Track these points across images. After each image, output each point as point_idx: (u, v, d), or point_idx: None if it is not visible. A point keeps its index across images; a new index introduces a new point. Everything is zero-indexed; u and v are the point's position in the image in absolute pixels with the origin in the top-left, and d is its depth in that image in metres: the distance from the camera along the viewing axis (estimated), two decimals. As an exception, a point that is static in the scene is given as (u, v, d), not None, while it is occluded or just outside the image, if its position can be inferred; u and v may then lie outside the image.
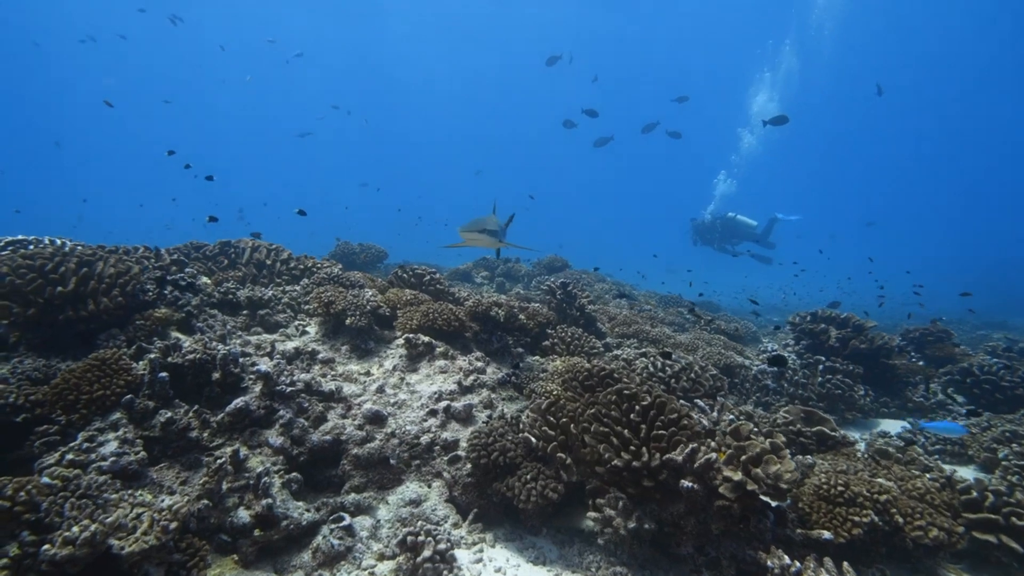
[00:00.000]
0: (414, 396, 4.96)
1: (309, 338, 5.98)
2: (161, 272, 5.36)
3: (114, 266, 4.53)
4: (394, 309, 6.39)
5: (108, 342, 4.28)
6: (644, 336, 8.31)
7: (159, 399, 3.88)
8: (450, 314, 6.01)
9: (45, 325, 4.20)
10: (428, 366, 5.55)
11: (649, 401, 3.77)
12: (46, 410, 3.53)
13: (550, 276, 13.72)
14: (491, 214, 6.31)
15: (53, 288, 4.10)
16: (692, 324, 10.56)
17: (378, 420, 4.57)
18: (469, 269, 14.85)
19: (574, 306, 7.91)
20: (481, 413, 4.90)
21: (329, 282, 6.60)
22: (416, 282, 7.65)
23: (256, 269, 7.17)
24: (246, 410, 4.16)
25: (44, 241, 5.50)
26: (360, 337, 5.88)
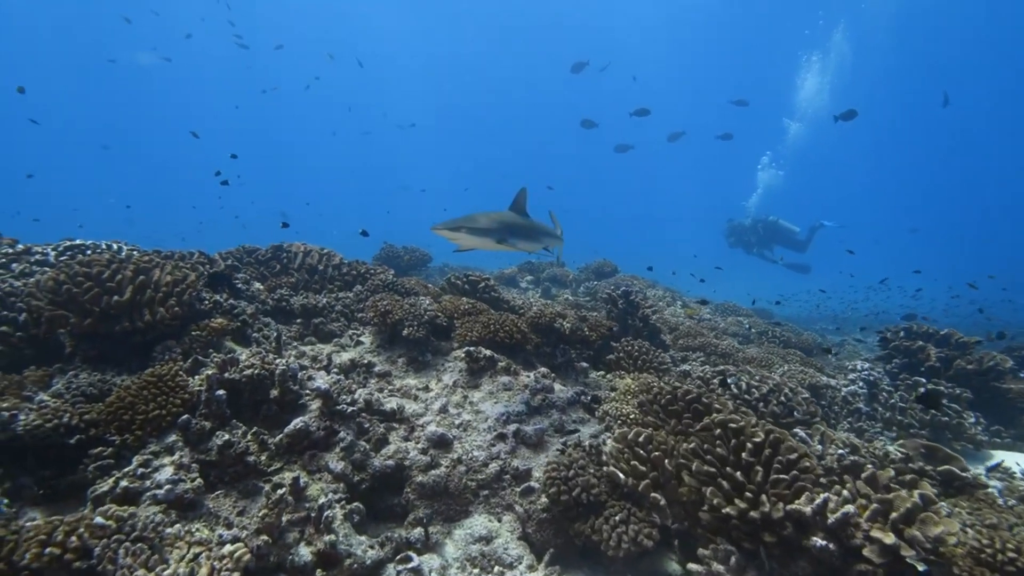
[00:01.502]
0: (479, 417, 4.56)
1: (364, 348, 5.68)
2: (226, 269, 5.18)
3: (171, 273, 4.31)
4: (451, 319, 6.02)
5: (163, 355, 4.05)
6: (711, 350, 7.70)
7: (216, 419, 3.60)
8: (512, 326, 5.60)
9: (101, 336, 4.00)
10: (490, 382, 5.15)
11: (762, 438, 3.24)
12: (100, 430, 3.29)
13: (599, 281, 13.18)
14: (544, 220, 5.50)
15: (110, 297, 3.89)
16: (758, 336, 9.84)
17: (443, 444, 4.19)
18: (514, 273, 14.44)
19: (636, 316, 7.38)
20: (553, 438, 4.46)
21: (384, 289, 6.30)
22: (470, 289, 7.28)
23: (308, 274, 6.95)
24: (305, 431, 3.84)
25: (101, 246, 5.39)
26: (417, 349, 5.54)
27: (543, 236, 5.42)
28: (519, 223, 5.00)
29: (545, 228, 5.55)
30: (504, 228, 4.67)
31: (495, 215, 4.77)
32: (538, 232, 5.32)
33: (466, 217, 4.58)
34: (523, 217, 5.19)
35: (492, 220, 4.63)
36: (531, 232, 5.16)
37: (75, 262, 4.06)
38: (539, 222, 5.49)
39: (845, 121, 14.93)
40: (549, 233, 5.60)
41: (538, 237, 5.31)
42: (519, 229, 4.93)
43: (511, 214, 5.05)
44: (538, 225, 5.40)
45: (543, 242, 5.43)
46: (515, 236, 4.80)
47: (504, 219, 4.79)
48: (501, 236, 4.59)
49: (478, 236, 4.46)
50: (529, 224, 5.19)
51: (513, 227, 4.82)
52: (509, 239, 4.68)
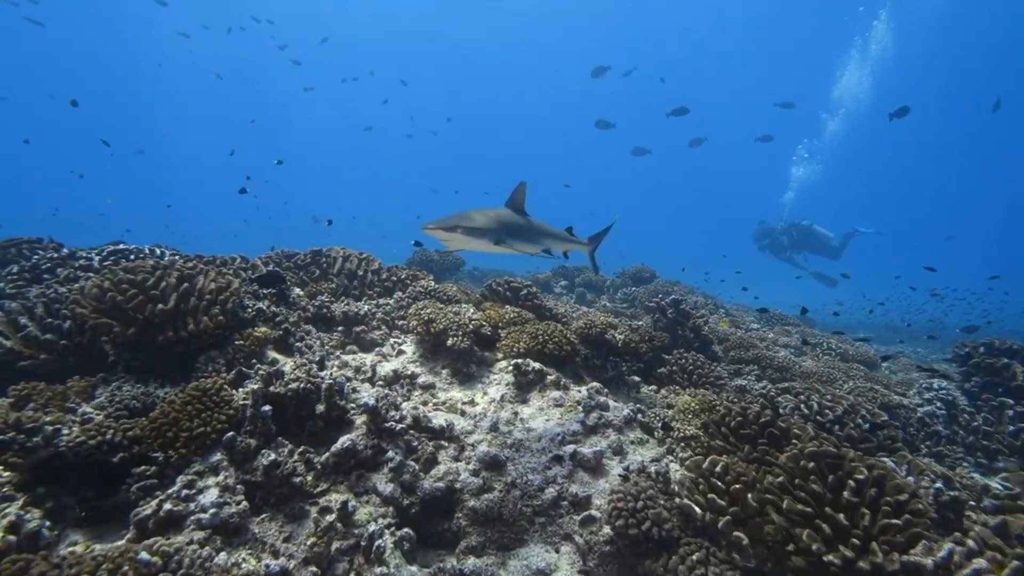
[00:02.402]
0: (531, 436, 4.27)
1: (406, 358, 5.46)
2: (274, 270, 5.04)
3: (214, 281, 4.16)
4: (495, 328, 5.76)
5: (207, 366, 3.89)
6: (766, 363, 7.25)
7: (261, 436, 3.41)
8: (561, 337, 5.30)
9: (144, 346, 3.86)
10: (540, 397, 4.86)
11: (865, 475, 2.86)
12: (144, 447, 3.12)
13: (637, 287, 12.76)
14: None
15: (154, 306, 3.75)
16: (811, 348, 9.29)
17: (496, 466, 3.91)
18: (548, 278, 14.14)
19: (687, 326, 6.99)
20: (612, 461, 4.14)
21: (425, 296, 6.08)
22: (512, 296, 7.01)
23: (347, 280, 6.79)
24: (352, 450, 3.62)
25: (144, 251, 5.31)
26: (462, 359, 5.29)
27: (544, 237, 4.95)
28: (518, 222, 4.54)
29: (546, 228, 5.06)
30: (502, 228, 4.24)
31: (492, 213, 4.32)
32: (538, 232, 4.86)
33: (460, 215, 4.12)
34: (522, 216, 4.73)
35: (489, 219, 4.18)
36: (530, 232, 4.71)
37: (120, 268, 3.94)
38: (539, 221, 5.01)
39: (899, 118, 14.20)
40: (551, 234, 5.11)
41: (538, 238, 4.85)
42: (518, 229, 4.49)
43: (509, 212, 4.59)
44: (538, 225, 4.92)
45: (543, 243, 4.97)
46: (513, 237, 4.37)
47: (502, 218, 4.34)
48: (498, 237, 4.16)
49: (474, 236, 4.02)
50: (528, 224, 4.74)
51: (511, 227, 4.39)
52: (507, 240, 4.25)
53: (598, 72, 25.88)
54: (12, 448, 2.94)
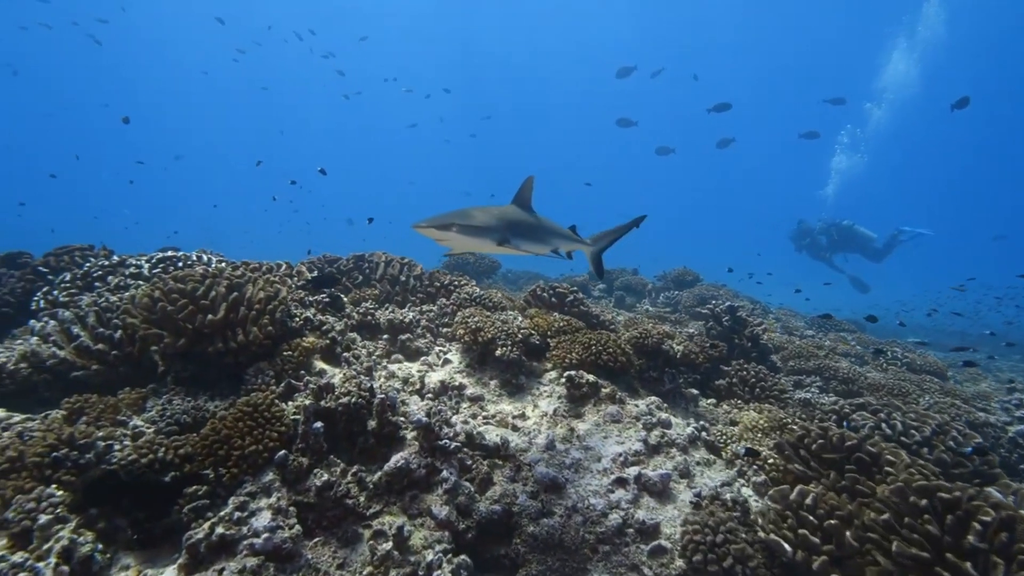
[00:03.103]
0: (589, 455, 4.01)
1: (453, 368, 5.27)
2: (334, 272, 4.93)
3: (263, 289, 4.04)
4: (544, 337, 5.52)
5: (256, 378, 3.77)
6: (830, 374, 6.78)
7: (313, 454, 3.25)
8: (616, 348, 5.02)
9: (194, 357, 3.77)
10: (595, 412, 4.59)
11: (992, 516, 2.50)
12: (195, 466, 2.99)
13: (680, 291, 12.31)
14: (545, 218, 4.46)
15: (204, 316, 3.64)
16: (884, 358, 8.70)
17: (555, 488, 3.67)
18: (586, 280, 13.79)
19: (744, 335, 6.59)
20: (679, 484, 3.84)
21: (471, 303, 5.88)
22: (558, 303, 6.76)
23: (390, 285, 6.66)
24: (406, 469, 3.43)
25: (192, 257, 5.27)
26: (510, 370, 5.06)
27: (553, 236, 4.61)
28: (524, 220, 4.16)
29: (555, 227, 4.73)
30: (506, 226, 3.84)
31: (495, 210, 3.95)
32: (546, 231, 4.50)
33: (459, 212, 3.72)
34: (528, 213, 4.36)
35: (491, 216, 3.79)
36: (538, 231, 4.34)
37: (170, 277, 3.86)
38: (548, 220, 4.65)
39: (960, 109, 13.35)
40: (560, 233, 4.77)
41: (546, 237, 4.49)
42: (524, 228, 4.11)
43: (514, 209, 4.22)
44: (546, 223, 4.57)
45: (552, 243, 4.62)
46: (519, 236, 3.98)
47: (506, 215, 3.96)
48: (502, 236, 3.77)
49: (473, 236, 3.62)
50: (537, 222, 4.37)
51: (518, 225, 4.01)
52: (513, 240, 3.86)
53: (623, 73, 25.29)
54: (65, 465, 2.86)
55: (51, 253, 5.35)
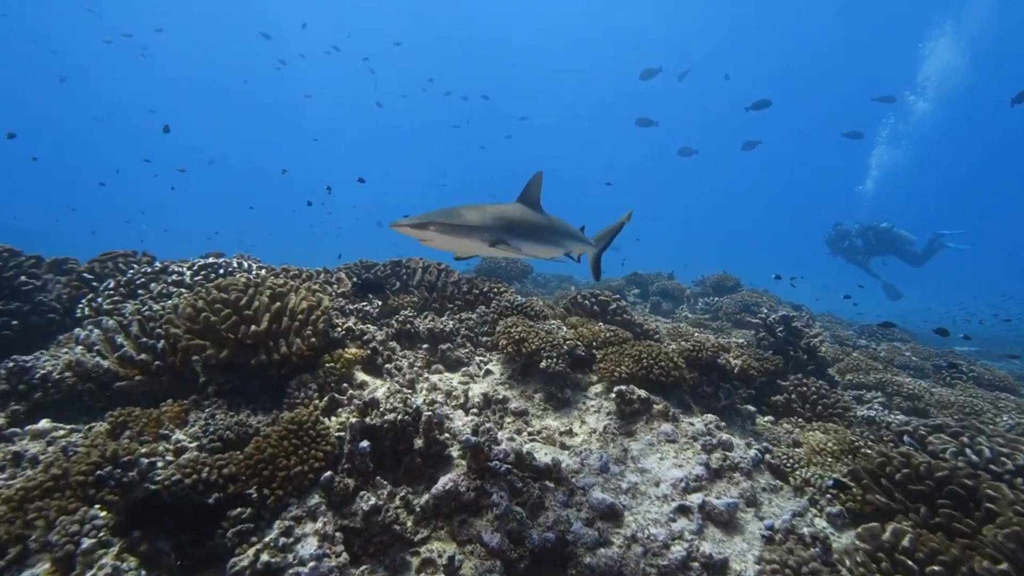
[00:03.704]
0: (646, 479, 3.75)
1: (494, 380, 5.07)
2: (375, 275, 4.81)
3: (305, 299, 3.92)
4: (589, 348, 5.28)
5: (299, 391, 3.64)
6: (893, 389, 6.34)
7: (359, 475, 3.09)
8: (668, 362, 4.74)
9: (236, 368, 3.66)
10: (647, 430, 4.32)
11: None
12: (239, 487, 2.86)
13: (720, 297, 11.87)
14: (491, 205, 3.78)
15: (247, 327, 3.53)
16: (936, 371, 8.16)
17: (612, 515, 3.42)
18: (621, 286, 13.47)
19: (799, 347, 6.21)
20: (746, 514, 3.55)
21: (512, 312, 5.67)
22: (599, 311, 6.50)
23: (427, 291, 6.51)
24: (454, 492, 3.24)
25: (232, 263, 5.21)
26: (555, 383, 4.84)
27: (563, 238, 4.21)
28: (527, 220, 3.78)
29: (566, 228, 4.36)
30: (502, 226, 3.48)
31: (491, 208, 3.59)
32: (555, 233, 4.09)
33: (445, 210, 3.37)
34: (535, 212, 3.97)
35: (484, 215, 3.43)
36: (544, 232, 3.94)
37: (213, 286, 3.77)
38: (559, 220, 4.27)
39: (1020, 104, 12.57)
40: (572, 235, 4.40)
41: (554, 239, 4.08)
42: (527, 228, 3.73)
43: (517, 208, 3.86)
44: (556, 224, 4.17)
45: (563, 246, 4.22)
46: (520, 237, 3.61)
47: (504, 214, 3.58)
48: (495, 236, 3.41)
49: (457, 235, 3.29)
50: (542, 222, 3.97)
51: (516, 225, 3.62)
52: (509, 240, 3.50)
53: (648, 74, 24.71)
54: (109, 484, 2.76)
55: (95, 260, 5.37)
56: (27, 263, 5.02)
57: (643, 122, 22.66)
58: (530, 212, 3.92)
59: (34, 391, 3.75)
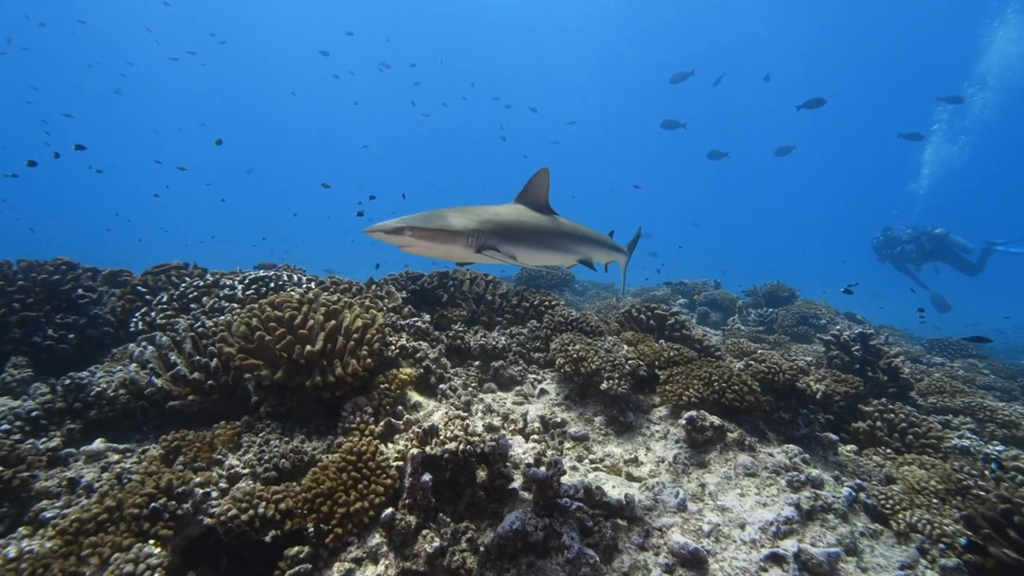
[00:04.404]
0: (729, 519, 3.39)
1: (550, 400, 4.79)
2: (430, 288, 4.63)
3: (360, 316, 3.73)
4: (651, 368, 4.94)
5: (354, 415, 3.44)
6: (985, 414, 5.74)
7: (420, 511, 2.85)
8: (742, 385, 4.36)
9: (290, 390, 3.49)
10: (722, 461, 3.96)
11: None
12: (297, 523, 2.66)
13: (775, 309, 11.27)
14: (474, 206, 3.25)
15: (302, 346, 3.36)
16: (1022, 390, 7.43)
17: (696, 562, 3.08)
18: (666, 295, 12.99)
19: (878, 367, 5.70)
20: (847, 564, 3.15)
21: (567, 327, 5.38)
22: (656, 325, 6.15)
23: (475, 304, 6.29)
24: (522, 532, 2.96)
25: (282, 276, 5.11)
26: (617, 406, 4.53)
27: (574, 244, 3.68)
28: (523, 223, 3.31)
29: (580, 232, 3.80)
30: (491, 229, 3.03)
31: (481, 210, 3.15)
32: (561, 238, 3.55)
33: (425, 213, 2.98)
34: (540, 214, 3.48)
35: (471, 217, 3.00)
36: (545, 237, 3.42)
37: (267, 303, 3.62)
38: (570, 223, 3.72)
39: None
40: (589, 240, 3.87)
41: (560, 245, 3.55)
42: (522, 231, 3.26)
43: (516, 209, 3.40)
44: (565, 228, 3.60)
45: (574, 252, 3.68)
46: (519, 242, 3.19)
47: (495, 216, 3.15)
48: (483, 241, 2.99)
49: (439, 241, 2.87)
50: (544, 225, 3.44)
51: (510, 228, 3.18)
52: (504, 246, 3.08)
53: (679, 78, 23.96)
54: (163, 517, 2.60)
55: (149, 272, 5.37)
56: (84, 276, 5.04)
57: (669, 125, 22.07)
58: (529, 214, 3.44)
59: (89, 409, 3.68)
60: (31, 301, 4.55)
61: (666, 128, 22.09)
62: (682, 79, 23.78)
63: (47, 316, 4.59)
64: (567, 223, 3.70)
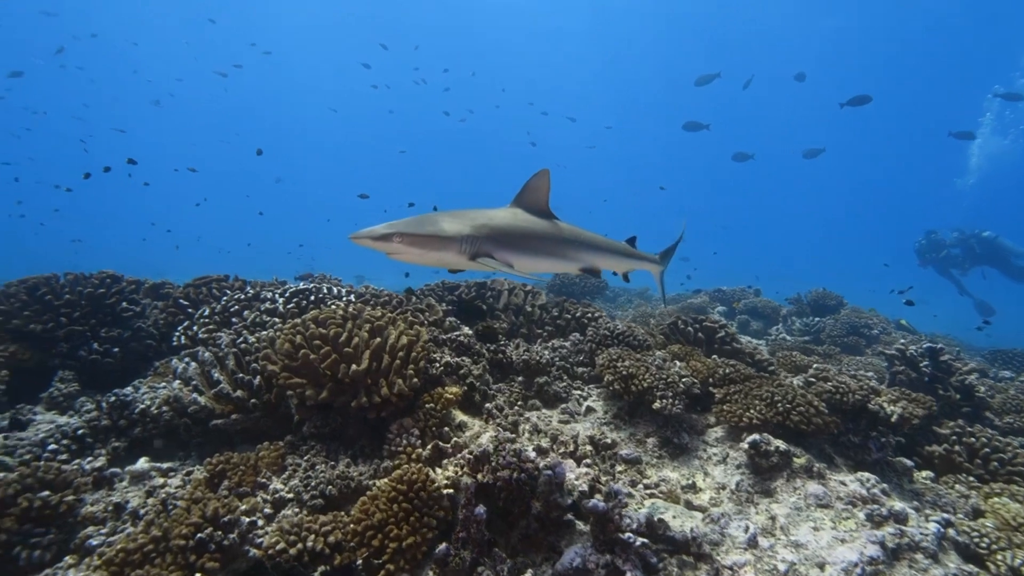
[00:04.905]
0: (804, 556, 3.11)
1: (598, 419, 4.57)
2: (474, 301, 4.50)
3: (404, 333, 3.59)
4: (704, 384, 4.67)
5: (400, 437, 3.29)
6: (1072, 438, 5.25)
7: (475, 546, 2.67)
8: (808, 406, 4.06)
9: (335, 410, 3.37)
10: (790, 489, 3.67)
11: None
12: (347, 557, 2.51)
13: (821, 318, 10.77)
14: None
15: (347, 365, 3.23)
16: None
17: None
18: (704, 302, 12.59)
19: (951, 385, 5.28)
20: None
21: (613, 341, 5.15)
22: (704, 338, 5.85)
23: (514, 316, 6.11)
24: (583, 570, 2.76)
25: (323, 289, 5.02)
26: (670, 426, 4.27)
27: (578, 251, 3.45)
28: (521, 228, 3.10)
29: (587, 238, 3.56)
30: (485, 235, 2.84)
31: (475, 214, 2.97)
32: (562, 244, 3.33)
33: (415, 218, 2.81)
34: (539, 218, 3.26)
35: (463, 222, 2.82)
36: (545, 243, 3.22)
37: (310, 319, 3.52)
38: (573, 228, 3.48)
39: None
40: (595, 245, 3.60)
41: (561, 252, 3.34)
42: (520, 237, 3.06)
43: (510, 213, 3.19)
44: (566, 233, 3.37)
45: (577, 260, 3.46)
46: (509, 248, 2.97)
47: (490, 221, 2.95)
48: (476, 248, 2.81)
49: (429, 248, 2.71)
50: (544, 230, 3.23)
51: (506, 234, 2.97)
52: (495, 252, 2.88)
53: (704, 80, 23.32)
54: (210, 549, 2.48)
55: (190, 284, 5.36)
56: (128, 288, 5.05)
57: (692, 126, 21.54)
58: (528, 218, 3.23)
59: (133, 427, 3.63)
60: (77, 315, 4.57)
61: (688, 130, 21.59)
62: (707, 81, 23.22)
63: (93, 330, 4.61)
64: (569, 228, 3.51)
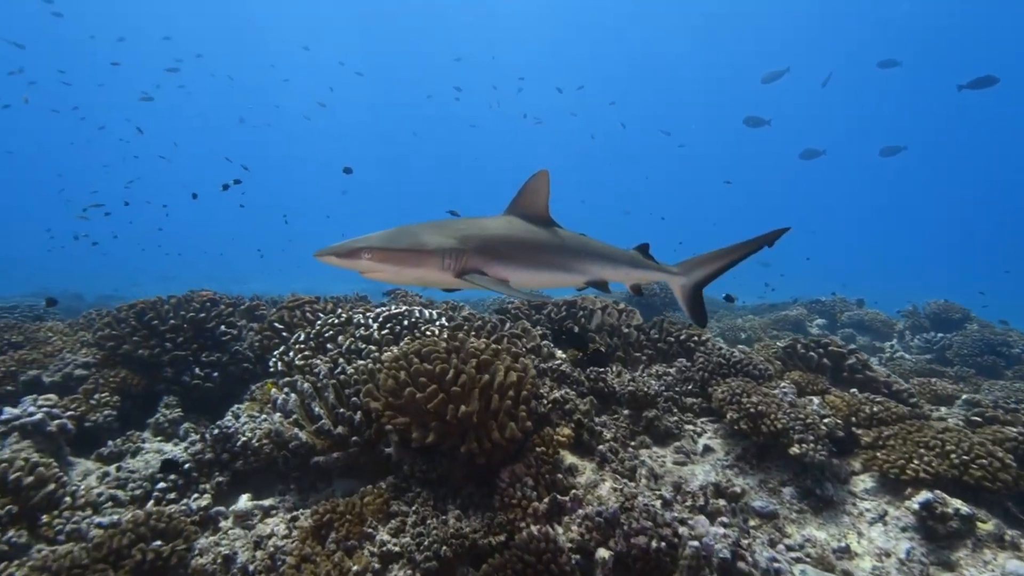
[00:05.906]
0: (1024, 662, 2.47)
1: (718, 460, 4.04)
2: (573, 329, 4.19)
3: (511, 368, 3.27)
4: (847, 424, 4.03)
5: (513, 488, 2.96)
6: None
7: (615, 633, 2.28)
8: (992, 458, 3.35)
9: (442, 453, 3.09)
10: (979, 564, 3.02)
11: None
12: (471, 640, 2.18)
13: (946, 334, 9.50)
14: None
15: (456, 407, 2.94)
16: None
17: None
18: (801, 315, 11.54)
19: None
20: None
21: (731, 370, 4.59)
22: (832, 364, 5.15)
23: (608, 337, 5.67)
24: (744, 668, 2.29)
25: (415, 313, 4.82)
26: (810, 475, 3.68)
27: (582, 261, 3.02)
28: (516, 238, 2.74)
29: (592, 247, 3.14)
30: (475, 247, 2.47)
31: (462, 224, 2.61)
32: (565, 253, 2.93)
33: (390, 231, 2.45)
34: (532, 226, 2.83)
35: (449, 234, 2.45)
36: (545, 253, 2.85)
37: (413, 353, 3.27)
38: (575, 236, 3.06)
39: None
40: (601, 256, 3.15)
41: (565, 263, 2.94)
42: (516, 248, 2.69)
43: (504, 221, 2.83)
44: (569, 242, 2.98)
45: (582, 272, 3.02)
46: (504, 261, 2.59)
47: (481, 231, 2.60)
48: (462, 263, 2.44)
49: (406, 264, 2.34)
50: (544, 240, 2.83)
51: (500, 245, 2.62)
52: (488, 267, 2.50)
53: (772, 77, 21.75)
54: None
55: (284, 307, 5.36)
56: (225, 312, 5.09)
57: (753, 121, 20.10)
58: (524, 227, 2.86)
59: (236, 459, 3.53)
60: (181, 340, 4.62)
61: (749, 125, 20.24)
62: (775, 78, 21.82)
63: (195, 354, 4.64)
64: (572, 236, 3.10)
